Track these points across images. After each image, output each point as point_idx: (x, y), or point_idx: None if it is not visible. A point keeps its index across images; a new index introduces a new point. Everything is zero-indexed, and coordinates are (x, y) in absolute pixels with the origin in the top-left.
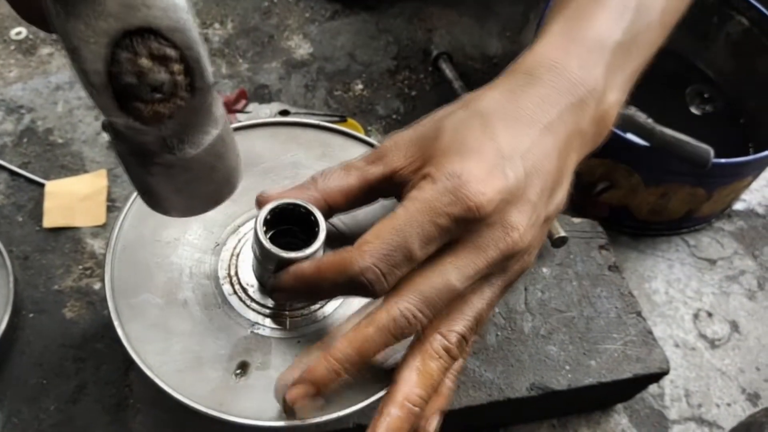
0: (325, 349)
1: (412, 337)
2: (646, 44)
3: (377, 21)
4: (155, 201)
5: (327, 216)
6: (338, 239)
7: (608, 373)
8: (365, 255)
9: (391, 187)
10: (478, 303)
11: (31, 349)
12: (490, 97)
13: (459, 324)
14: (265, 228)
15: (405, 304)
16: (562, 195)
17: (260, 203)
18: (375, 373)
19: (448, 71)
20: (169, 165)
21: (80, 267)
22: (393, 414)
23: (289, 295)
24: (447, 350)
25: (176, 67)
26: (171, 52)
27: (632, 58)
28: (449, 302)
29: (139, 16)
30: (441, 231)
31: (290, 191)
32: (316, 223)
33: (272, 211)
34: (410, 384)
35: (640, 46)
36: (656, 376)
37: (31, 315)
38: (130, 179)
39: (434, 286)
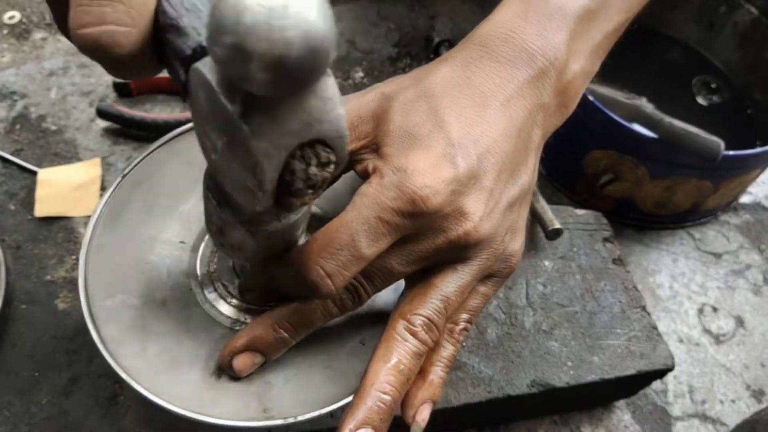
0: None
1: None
2: (620, 8)
3: (378, 7)
4: (235, 252)
5: None
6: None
7: (611, 369)
8: (312, 255)
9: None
10: (443, 287)
11: (23, 340)
12: (441, 75)
13: (422, 308)
14: None
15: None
16: (526, 175)
17: None
18: (357, 374)
19: None
20: (273, 230)
21: (73, 257)
22: (362, 405)
23: (259, 295)
24: (413, 333)
25: (332, 167)
26: (332, 156)
27: (601, 23)
28: (387, 282)
29: (314, 131)
30: (389, 227)
31: None
32: None
33: None
34: (379, 373)
35: (611, 11)
36: (661, 373)
37: (23, 306)
38: (215, 232)
39: (373, 264)
